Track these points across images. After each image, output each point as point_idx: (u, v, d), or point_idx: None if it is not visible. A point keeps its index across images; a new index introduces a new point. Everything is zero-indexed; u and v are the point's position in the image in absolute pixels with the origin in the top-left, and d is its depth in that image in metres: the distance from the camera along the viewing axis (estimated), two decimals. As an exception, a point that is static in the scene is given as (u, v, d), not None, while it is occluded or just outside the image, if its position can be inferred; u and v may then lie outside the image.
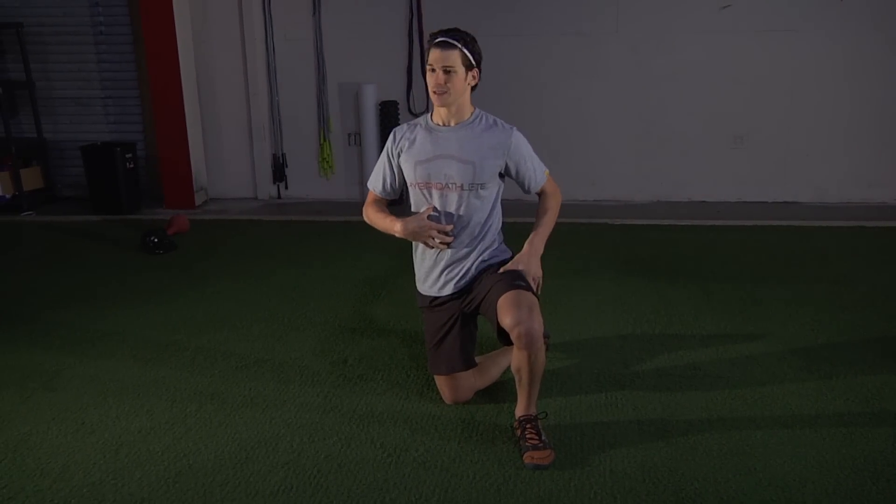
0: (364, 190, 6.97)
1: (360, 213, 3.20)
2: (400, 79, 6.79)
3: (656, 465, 2.64)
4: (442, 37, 2.85)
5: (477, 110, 3.01)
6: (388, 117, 6.73)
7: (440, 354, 3.05)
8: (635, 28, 6.48)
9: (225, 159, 7.20)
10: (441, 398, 3.12)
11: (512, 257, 3.06)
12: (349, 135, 7.04)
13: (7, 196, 6.86)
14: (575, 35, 6.54)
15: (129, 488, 2.57)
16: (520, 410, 2.83)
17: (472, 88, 2.97)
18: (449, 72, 2.83)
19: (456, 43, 2.83)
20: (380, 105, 6.76)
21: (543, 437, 2.74)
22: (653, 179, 6.76)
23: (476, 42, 2.91)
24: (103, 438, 2.90)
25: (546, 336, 3.22)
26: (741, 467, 2.61)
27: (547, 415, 2.89)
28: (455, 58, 2.83)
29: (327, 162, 7.06)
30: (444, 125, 2.98)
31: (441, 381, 3.09)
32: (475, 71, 2.91)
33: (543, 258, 2.98)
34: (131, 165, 6.73)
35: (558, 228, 6.03)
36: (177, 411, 3.10)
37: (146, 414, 3.08)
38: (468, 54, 2.86)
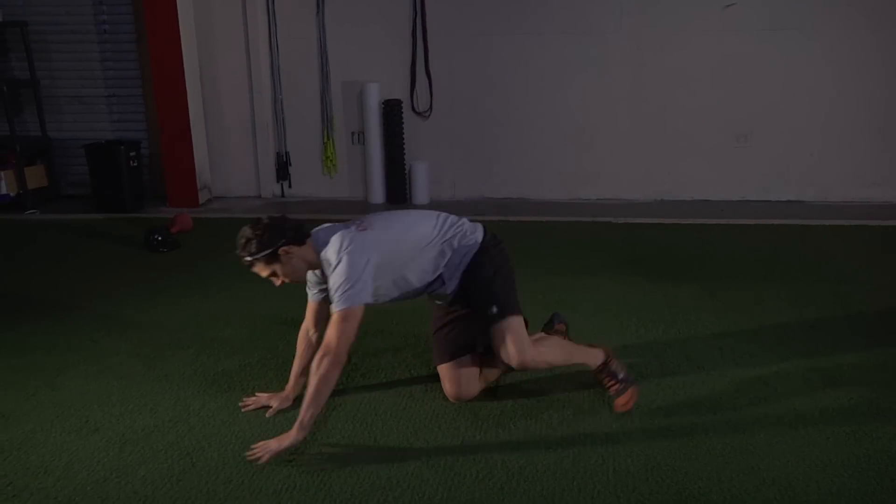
0: (366, 189, 7.00)
1: (364, 212, 3.24)
2: (403, 77, 6.78)
3: (659, 464, 2.64)
4: (241, 257, 2.79)
5: (321, 253, 2.81)
6: (392, 116, 6.73)
7: (436, 342, 3.12)
8: (638, 26, 6.46)
9: (228, 157, 7.20)
10: (444, 396, 3.12)
11: (483, 245, 3.03)
12: (353, 133, 7.04)
13: (11, 194, 6.86)
14: (578, 33, 6.53)
15: (132, 486, 2.58)
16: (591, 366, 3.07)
17: (298, 246, 2.80)
18: (272, 276, 2.84)
19: (249, 259, 2.77)
20: (383, 104, 6.75)
21: (620, 376, 2.94)
22: (656, 178, 6.75)
23: (263, 233, 2.74)
24: (107, 436, 2.90)
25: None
26: (745, 466, 2.61)
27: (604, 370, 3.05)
28: (260, 268, 2.81)
29: (331, 160, 7.06)
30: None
31: (442, 374, 3.10)
32: (281, 251, 2.75)
33: (547, 256, 2.98)
34: (135, 164, 6.73)
35: (561, 227, 6.04)
36: (180, 409, 3.10)
37: (150, 412, 3.09)
38: (263, 258, 2.76)
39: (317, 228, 2.92)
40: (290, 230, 2.79)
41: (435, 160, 6.91)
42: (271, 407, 3.05)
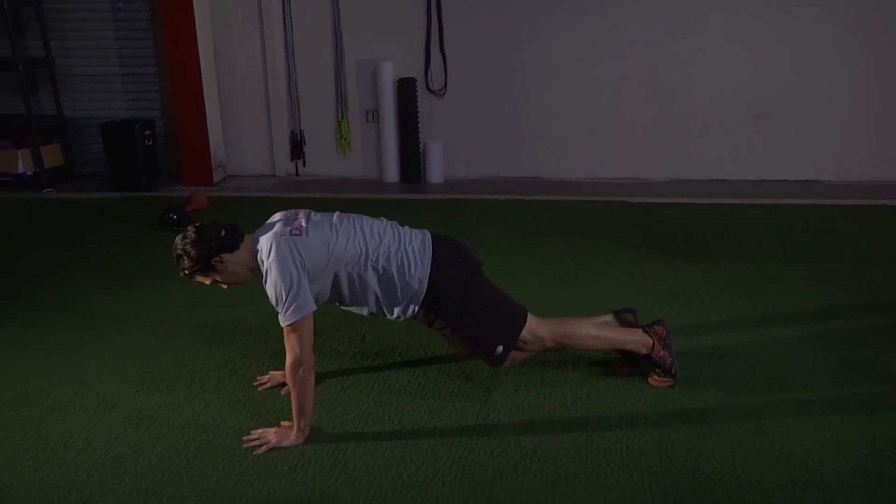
0: (381, 167, 6.99)
1: (378, 191, 3.21)
2: (418, 56, 6.75)
3: (673, 444, 2.64)
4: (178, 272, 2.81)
5: (257, 256, 2.74)
6: (406, 94, 6.71)
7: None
8: (654, 4, 6.39)
9: (243, 136, 7.22)
10: (459, 375, 3.14)
11: (433, 280, 2.84)
12: (367, 112, 7.03)
13: (28, 173, 6.91)
14: (594, 12, 6.47)
15: (149, 462, 2.61)
16: None
17: (230, 252, 2.75)
18: (213, 284, 2.84)
19: (185, 274, 2.79)
20: (397, 82, 6.73)
21: (664, 366, 2.98)
22: (672, 157, 6.71)
23: (191, 247, 2.73)
24: (124, 413, 2.93)
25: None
26: (759, 446, 2.61)
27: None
28: (201, 279, 2.81)
29: (345, 139, 7.06)
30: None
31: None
32: (213, 261, 2.74)
33: (562, 235, 2.95)
34: (150, 142, 6.76)
35: (576, 206, 6.02)
36: (196, 387, 3.13)
37: (166, 389, 3.11)
38: (197, 272, 2.77)
39: (267, 221, 2.84)
40: (217, 238, 2.73)
41: (450, 139, 6.89)
42: (286, 385, 3.07)
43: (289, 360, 2.67)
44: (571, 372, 3.16)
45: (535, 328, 2.98)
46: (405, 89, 6.72)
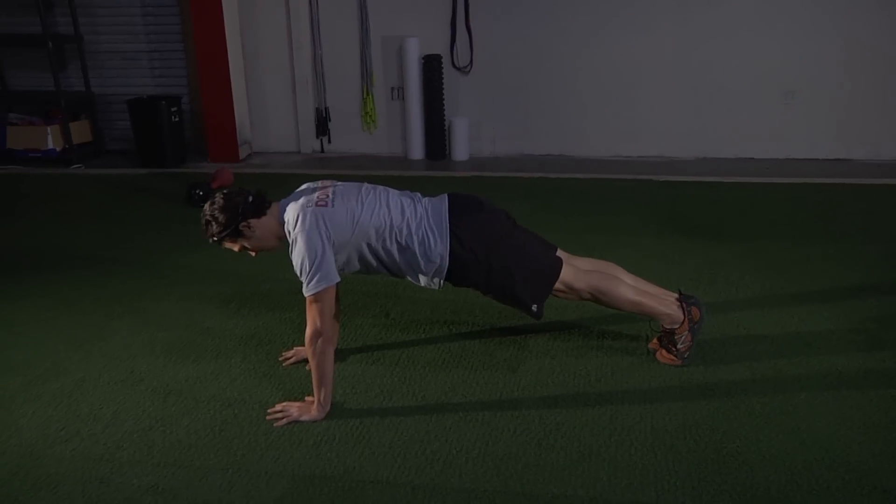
0: (406, 145, 6.97)
1: (403, 168, 3.19)
2: (443, 32, 6.71)
3: (698, 423, 2.62)
4: (207, 238, 2.82)
5: (285, 226, 2.76)
6: (432, 71, 6.68)
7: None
8: (685, -21, 6.31)
9: (268, 113, 7.23)
10: (482, 352, 3.15)
11: (454, 254, 2.84)
12: (392, 89, 7.01)
13: (57, 149, 6.99)
14: (622, -14, 6.40)
15: (176, 435, 2.64)
16: None
17: (257, 218, 2.78)
18: (241, 250, 2.85)
19: (213, 240, 2.80)
20: (423, 59, 6.70)
21: (679, 348, 2.97)
22: (699, 135, 6.63)
23: (219, 212, 2.76)
24: (152, 386, 2.97)
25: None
26: (784, 427, 2.59)
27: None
28: (230, 245, 2.82)
29: (370, 116, 7.05)
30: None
31: None
32: (241, 227, 2.75)
33: (587, 213, 2.93)
34: (176, 119, 6.79)
35: (601, 184, 5.97)
36: (222, 361, 3.16)
37: (192, 363, 3.15)
38: (225, 237, 2.77)
39: (295, 190, 2.86)
40: (244, 204, 2.76)
41: (475, 116, 6.86)
42: None
43: (309, 331, 2.69)
44: (595, 349, 3.15)
45: (572, 280, 2.94)
46: (430, 66, 6.69)
